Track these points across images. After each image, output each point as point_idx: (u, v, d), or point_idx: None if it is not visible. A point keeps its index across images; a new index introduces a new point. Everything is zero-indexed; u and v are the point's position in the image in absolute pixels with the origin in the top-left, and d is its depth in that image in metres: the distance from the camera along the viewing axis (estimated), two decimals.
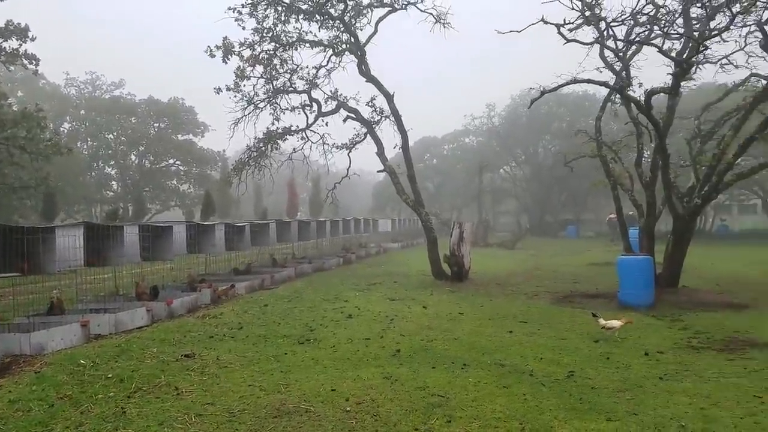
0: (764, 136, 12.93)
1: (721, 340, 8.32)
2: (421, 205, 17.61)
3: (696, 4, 12.19)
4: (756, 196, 38.86)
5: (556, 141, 48.37)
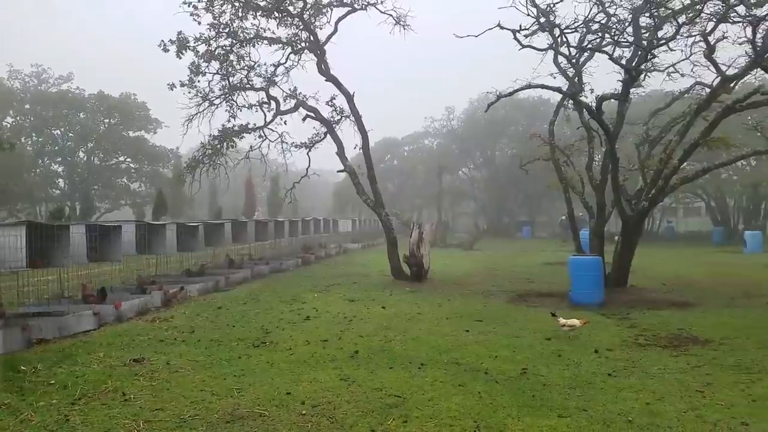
0: (707, 141, 13.54)
1: (666, 337, 8.64)
2: (381, 205, 17.64)
3: (645, 13, 12.63)
4: (700, 199, 40.54)
5: (513, 144, 49.31)
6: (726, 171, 32.47)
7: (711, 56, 12.80)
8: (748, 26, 11.21)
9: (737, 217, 39.22)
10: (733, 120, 15.84)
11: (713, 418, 5.06)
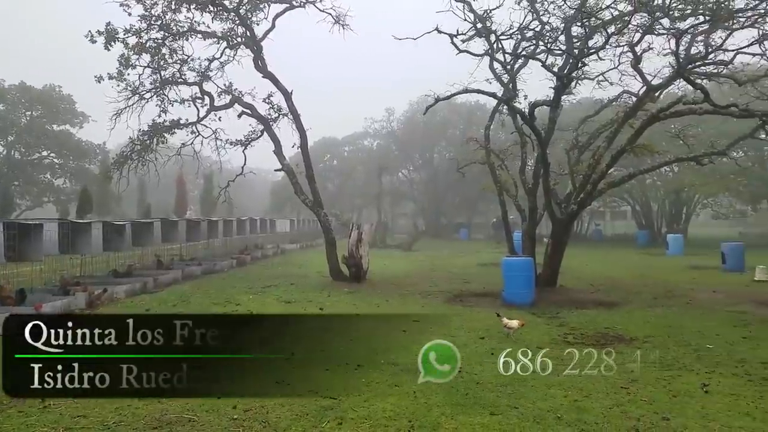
0: (633, 148, 14.26)
1: (593, 336, 8.99)
2: (320, 205, 17.49)
3: (576, 23, 13.12)
4: (626, 203, 42.60)
5: (451, 147, 50.17)
6: (650, 176, 34.26)
7: (638, 66, 13.47)
8: (672, 38, 11.86)
9: (660, 221, 41.47)
10: (657, 128, 16.74)
11: (637, 413, 5.29)
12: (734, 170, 26.63)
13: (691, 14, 11.65)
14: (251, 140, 18.14)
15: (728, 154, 16.44)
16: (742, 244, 21.25)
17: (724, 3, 11.20)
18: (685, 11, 11.57)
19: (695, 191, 35.45)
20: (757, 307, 11.61)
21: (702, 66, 13.14)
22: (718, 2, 11.18)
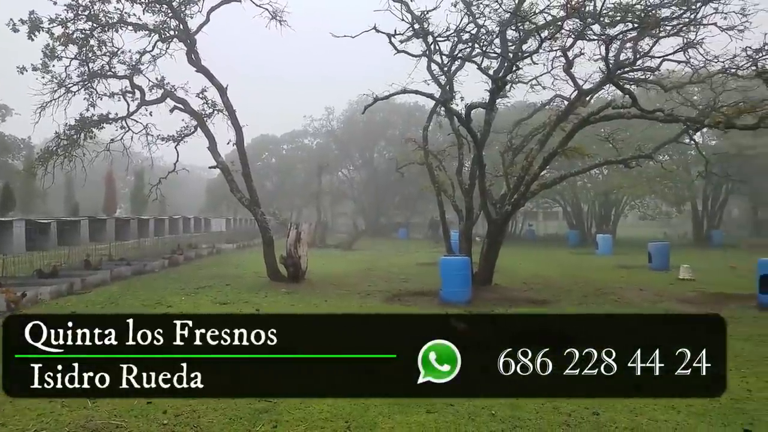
0: (565, 151, 14.77)
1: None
2: (257, 204, 17.11)
3: (511, 27, 13.45)
4: (558, 204, 44.17)
5: (390, 147, 50.47)
6: (581, 178, 35.66)
7: (570, 71, 13.95)
8: (603, 44, 12.32)
9: (590, 222, 43.25)
10: (587, 131, 17.44)
11: (568, 409, 5.43)
12: (660, 173, 28.15)
13: (621, 21, 12.18)
14: (184, 136, 17.54)
15: (654, 157, 17.29)
16: (667, 244, 22.46)
17: (652, 11, 11.78)
18: (615, 18, 12.08)
19: (623, 193, 37.17)
20: (681, 305, 12.28)
21: (630, 72, 13.76)
22: (646, 11, 11.74)
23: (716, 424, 4.98)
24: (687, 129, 14.13)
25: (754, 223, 46.52)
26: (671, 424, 5.00)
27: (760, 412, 5.25)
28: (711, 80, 13.21)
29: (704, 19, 11.95)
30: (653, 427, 4.96)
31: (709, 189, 39.03)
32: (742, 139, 28.69)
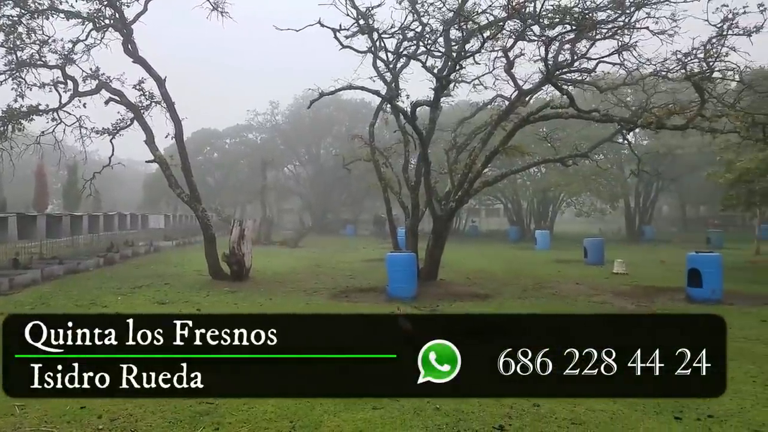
0: (505, 149, 15.13)
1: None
2: (198, 200, 16.64)
3: (455, 26, 13.62)
4: (499, 201, 45.27)
5: (337, 143, 50.22)
6: (521, 176, 36.63)
7: (510, 71, 14.27)
8: (542, 45, 12.68)
9: (530, 218, 44.59)
10: (527, 130, 17.91)
11: (510, 400, 5.54)
12: (595, 171, 29.34)
13: (560, 23, 12.54)
14: (120, 129, 16.82)
15: (590, 156, 17.96)
16: (601, 239, 23.44)
17: (589, 14, 12.20)
18: (554, 20, 12.44)
19: (560, 191, 38.49)
20: (615, 297, 12.82)
21: (568, 73, 14.22)
22: (583, 14, 12.16)
23: (649, 413, 5.22)
24: (621, 129, 14.74)
25: (683, 219, 49.26)
26: (608, 414, 5.21)
27: (689, 399, 5.55)
28: (643, 82, 13.83)
29: (637, 23, 12.49)
30: (591, 416, 5.15)
31: (641, 187, 41.03)
32: (672, 139, 30.30)
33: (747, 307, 11.29)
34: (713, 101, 12.77)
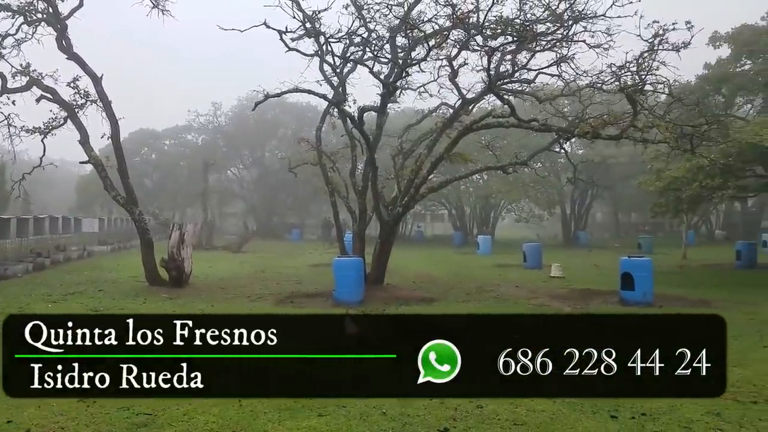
0: (450, 156, 15.40)
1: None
2: (135, 203, 16.02)
3: (401, 33, 13.75)
4: (444, 207, 45.97)
5: (283, 146, 49.63)
6: (464, 183, 37.37)
7: (454, 80, 14.54)
8: (485, 55, 12.99)
9: (472, 224, 45.51)
10: (470, 138, 18.26)
11: (454, 403, 5.61)
12: (534, 179, 30.31)
13: (501, 34, 12.89)
14: (52, 128, 15.97)
15: (529, 164, 18.51)
16: (539, 244, 24.19)
17: (529, 26, 12.60)
18: (497, 31, 12.77)
19: (501, 197, 39.53)
20: (552, 300, 13.25)
21: (509, 83, 14.62)
22: (524, 25, 12.54)
23: (587, 412, 5.41)
24: (558, 138, 15.27)
25: (615, 225, 51.57)
26: (548, 414, 5.37)
27: (624, 399, 5.77)
28: (580, 94, 14.39)
29: (575, 37, 13.00)
30: (532, 417, 5.29)
31: (576, 194, 42.75)
32: (606, 149, 31.71)
33: (676, 309, 11.91)
34: (645, 113, 13.43)
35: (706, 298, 13.63)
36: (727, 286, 16.65)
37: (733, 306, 12.35)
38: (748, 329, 9.53)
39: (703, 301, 12.96)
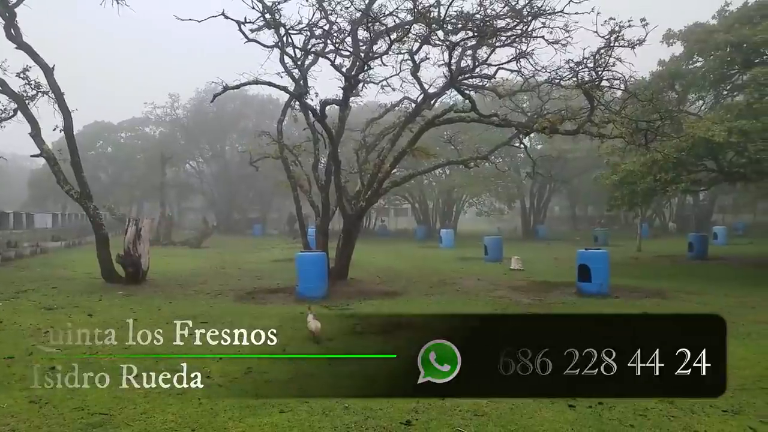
0: (412, 150, 15.45)
1: (379, 323, 9.47)
2: (89, 197, 15.51)
3: (362, 27, 13.69)
4: (407, 201, 46.18)
5: (243, 140, 48.81)
6: (427, 177, 37.63)
7: (416, 74, 14.58)
8: (446, 50, 13.06)
9: (435, 218, 45.87)
10: (432, 133, 18.40)
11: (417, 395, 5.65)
12: (494, 173, 30.69)
13: (462, 29, 12.98)
14: (1, 120, 15.40)
15: (490, 159, 18.74)
16: (500, 237, 24.61)
17: (489, 22, 12.72)
18: (457, 26, 12.85)
19: (463, 191, 39.98)
20: (512, 292, 13.47)
21: (470, 78, 14.75)
22: (484, 21, 12.65)
23: (545, 402, 5.48)
24: (518, 133, 15.50)
25: (573, 218, 52.82)
26: (508, 404, 5.45)
27: (578, 391, 5.92)
28: (539, 89, 14.64)
29: (533, 33, 13.20)
30: (493, 407, 5.37)
31: (535, 188, 43.65)
32: (564, 143, 32.41)
33: (631, 299, 12.30)
34: (601, 108, 13.77)
35: (660, 288, 14.11)
36: (679, 276, 17.28)
37: (686, 296, 12.83)
38: None
39: (658, 292, 13.41)
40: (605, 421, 5.01)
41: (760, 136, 15.17)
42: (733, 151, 16.54)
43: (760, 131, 15.20)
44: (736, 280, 16.55)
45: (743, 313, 10.53)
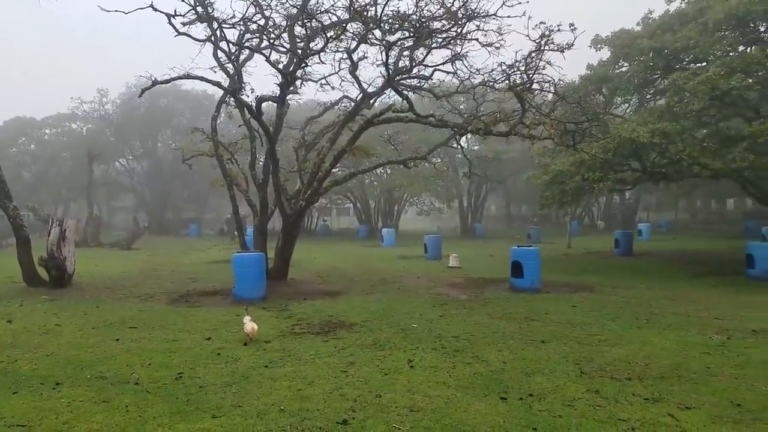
0: (352, 149, 15.43)
1: (318, 324, 9.42)
2: (8, 197, 14.56)
3: (298, 23, 13.49)
4: (349, 201, 46.10)
5: (177, 136, 47.14)
6: (368, 177, 37.68)
7: (355, 73, 14.55)
8: (383, 50, 13.09)
9: (377, 217, 46.03)
10: (372, 132, 18.43)
11: (354, 394, 5.67)
12: (433, 173, 31.15)
13: (399, 29, 13.05)
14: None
15: (428, 159, 18.98)
16: (439, 236, 24.99)
17: (425, 23, 12.86)
18: (394, 26, 12.91)
19: (404, 191, 40.33)
20: (450, 289, 13.71)
21: (407, 78, 14.87)
22: (420, 21, 12.78)
23: (479, 396, 5.66)
24: (454, 134, 15.77)
25: (508, 217, 54.42)
26: (443, 399, 5.54)
27: (513, 381, 6.12)
28: (474, 91, 14.95)
29: (468, 35, 13.44)
30: (428, 402, 5.44)
31: (472, 188, 44.74)
32: (498, 144, 33.30)
33: (561, 294, 12.78)
34: (532, 110, 14.22)
35: (588, 282, 14.75)
36: (606, 271, 18.14)
37: (612, 290, 13.47)
38: (624, 311, 10.42)
39: (586, 286, 14.01)
40: (535, 412, 5.18)
41: (680, 137, 16.11)
42: (655, 152, 17.45)
43: (680, 133, 16.14)
44: (658, 274, 17.54)
45: (665, 305, 11.17)
